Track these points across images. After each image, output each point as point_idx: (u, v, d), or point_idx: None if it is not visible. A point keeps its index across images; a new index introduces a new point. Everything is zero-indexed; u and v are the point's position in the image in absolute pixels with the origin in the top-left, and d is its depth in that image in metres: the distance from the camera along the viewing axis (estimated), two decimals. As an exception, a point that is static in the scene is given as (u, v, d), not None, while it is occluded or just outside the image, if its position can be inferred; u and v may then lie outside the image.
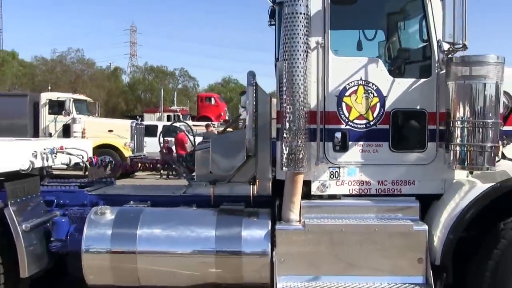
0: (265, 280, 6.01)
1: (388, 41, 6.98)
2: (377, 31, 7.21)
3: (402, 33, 6.94)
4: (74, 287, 7.25)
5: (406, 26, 6.89)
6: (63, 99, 23.53)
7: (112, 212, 6.27)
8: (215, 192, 6.72)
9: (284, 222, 6.04)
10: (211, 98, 45.36)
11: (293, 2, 5.74)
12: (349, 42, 7.09)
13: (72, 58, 57.79)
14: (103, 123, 24.02)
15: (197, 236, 6.08)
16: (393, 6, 6.78)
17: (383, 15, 6.94)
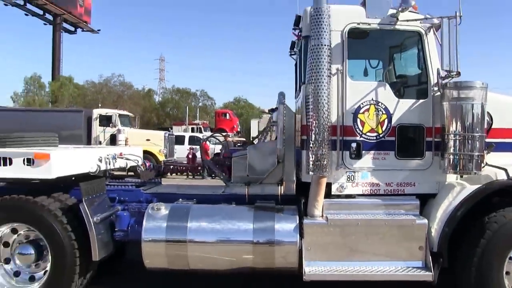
0: (293, 265, 5.73)
1: (391, 68, 6.65)
2: (382, 60, 6.86)
3: (402, 62, 6.67)
4: (132, 268, 6.82)
5: (405, 56, 6.61)
6: (110, 114, 23.27)
7: (166, 208, 5.96)
8: (249, 192, 6.41)
9: (309, 217, 5.79)
10: (226, 113, 45.11)
11: (318, 35, 5.60)
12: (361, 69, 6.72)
13: (115, 81, 58.03)
14: (142, 134, 23.67)
15: (238, 228, 5.78)
16: (395, 41, 6.54)
17: (387, 47, 6.63)
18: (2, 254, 6.08)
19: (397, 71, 6.67)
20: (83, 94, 52.39)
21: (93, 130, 21.79)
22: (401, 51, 6.64)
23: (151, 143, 19.85)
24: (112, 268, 6.96)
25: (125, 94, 55.35)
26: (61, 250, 5.74)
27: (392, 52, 6.72)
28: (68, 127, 19.51)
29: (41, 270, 6.07)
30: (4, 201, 5.86)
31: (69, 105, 44.94)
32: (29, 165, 5.77)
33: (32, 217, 5.81)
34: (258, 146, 6.18)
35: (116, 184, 7.04)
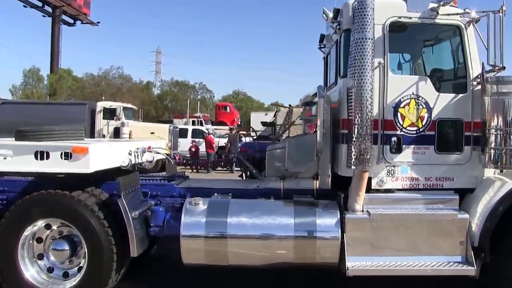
0: (334, 260, 5.60)
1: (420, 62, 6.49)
2: (418, 54, 6.70)
3: (440, 56, 6.51)
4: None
5: (443, 50, 6.45)
6: (114, 107, 22.91)
7: (204, 202, 5.78)
8: (284, 186, 6.23)
9: (350, 211, 5.63)
10: (227, 106, 44.87)
11: (362, 29, 5.39)
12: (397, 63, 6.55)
13: (114, 74, 57.18)
14: (146, 127, 23.25)
15: (279, 223, 5.61)
16: (433, 35, 6.38)
17: (425, 41, 6.51)
18: (35, 250, 5.86)
19: (434, 65, 6.53)
20: (82, 86, 51.64)
21: (96, 123, 21.41)
22: (439, 45, 6.47)
23: (155, 136, 19.49)
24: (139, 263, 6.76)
25: (123, 86, 54.66)
26: (98, 246, 5.54)
27: (430, 46, 6.56)
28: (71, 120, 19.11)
29: (74, 266, 5.89)
30: (40, 195, 5.65)
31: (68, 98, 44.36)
32: (67, 159, 5.56)
33: (69, 212, 5.60)
34: (297, 141, 5.98)
35: (148, 178, 6.82)
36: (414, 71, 6.80)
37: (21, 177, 6.41)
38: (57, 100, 37.96)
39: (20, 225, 5.66)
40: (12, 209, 5.67)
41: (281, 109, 10.19)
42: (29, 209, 5.64)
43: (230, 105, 45.42)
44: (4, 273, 5.67)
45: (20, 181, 6.36)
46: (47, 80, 49.10)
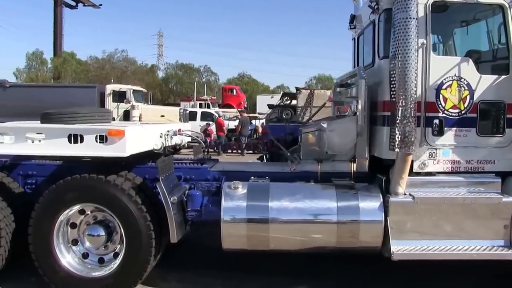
0: (377, 244, 5.43)
1: (465, 43, 6.23)
2: (456, 34, 6.46)
3: (479, 37, 6.20)
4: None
5: (483, 31, 6.15)
6: (124, 89, 22.56)
7: (243, 186, 5.55)
8: (321, 169, 5.97)
9: (393, 195, 5.43)
10: (233, 89, 44.11)
11: (406, 8, 5.12)
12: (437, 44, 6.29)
13: (118, 57, 56.11)
14: (156, 109, 22.88)
15: (321, 207, 5.44)
16: (474, 14, 6.08)
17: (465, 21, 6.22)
18: (70, 236, 5.65)
19: (470, 46, 6.25)
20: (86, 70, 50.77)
21: (106, 106, 20.99)
22: (475, 25, 6.20)
23: (165, 119, 19.17)
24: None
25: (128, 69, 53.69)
26: (137, 232, 5.33)
27: (464, 26, 6.29)
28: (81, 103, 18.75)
29: (110, 252, 5.68)
30: (75, 180, 5.40)
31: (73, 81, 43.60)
32: (102, 142, 5.31)
33: (106, 197, 5.37)
34: (337, 122, 5.74)
35: (180, 161, 6.57)
36: (445, 52, 6.55)
37: (48, 161, 6.19)
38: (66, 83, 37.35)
39: (56, 210, 5.44)
40: (46, 194, 5.45)
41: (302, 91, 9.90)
42: (64, 193, 5.42)
43: (237, 88, 44.68)
44: (40, 259, 5.46)
45: (49, 165, 6.14)
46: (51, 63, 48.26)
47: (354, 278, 6.16)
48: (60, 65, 44.65)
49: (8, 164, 6.18)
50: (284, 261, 6.39)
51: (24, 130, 5.55)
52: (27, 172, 6.15)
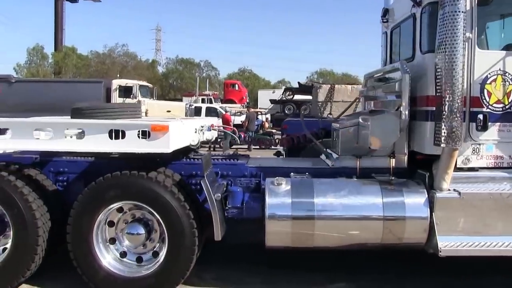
0: (422, 240, 5.31)
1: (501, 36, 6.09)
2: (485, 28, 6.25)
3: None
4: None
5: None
6: (130, 85, 22.28)
7: (287, 182, 5.39)
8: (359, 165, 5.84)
9: (438, 190, 5.29)
10: (235, 84, 43.73)
11: (454, 2, 4.97)
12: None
13: (119, 51, 55.25)
14: (162, 105, 22.63)
15: (367, 203, 5.29)
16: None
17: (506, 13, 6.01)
18: (107, 234, 5.46)
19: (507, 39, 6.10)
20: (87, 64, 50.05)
21: (112, 101, 20.66)
22: None
23: (172, 114, 18.91)
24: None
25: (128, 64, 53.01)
26: (180, 230, 5.16)
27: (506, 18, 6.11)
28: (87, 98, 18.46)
29: (148, 250, 5.50)
30: (117, 177, 5.21)
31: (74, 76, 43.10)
32: (144, 138, 5.12)
33: (148, 194, 5.19)
34: (380, 118, 5.58)
35: (216, 157, 6.38)
36: (484, 46, 6.37)
37: (80, 158, 5.99)
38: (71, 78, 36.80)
39: (96, 208, 5.26)
40: (86, 191, 5.26)
41: (322, 86, 9.73)
42: (105, 191, 5.24)
43: (239, 83, 44.30)
44: (79, 258, 5.29)
45: (81, 162, 5.94)
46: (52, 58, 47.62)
47: (387, 272, 6.07)
48: (61, 60, 44.08)
49: (38, 161, 5.97)
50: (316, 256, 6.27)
51: (63, 125, 5.36)
52: (58, 169, 5.95)
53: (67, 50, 44.69)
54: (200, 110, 25.80)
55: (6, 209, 5.32)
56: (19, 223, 5.27)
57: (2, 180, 5.31)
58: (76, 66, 46.63)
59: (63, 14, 40.64)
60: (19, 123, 5.47)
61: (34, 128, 5.43)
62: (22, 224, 5.26)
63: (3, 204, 5.34)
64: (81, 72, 46.77)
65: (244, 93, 42.12)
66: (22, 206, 5.26)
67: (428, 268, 6.11)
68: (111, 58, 53.19)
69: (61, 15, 40.45)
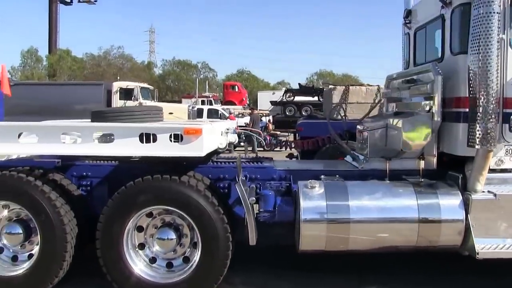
0: (457, 242, 5.24)
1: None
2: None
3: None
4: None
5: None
6: (131, 87, 21.92)
7: (320, 185, 5.28)
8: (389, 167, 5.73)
9: (472, 192, 5.23)
10: (235, 86, 43.47)
11: (489, 3, 4.91)
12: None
13: (115, 54, 54.66)
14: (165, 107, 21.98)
15: (402, 205, 5.23)
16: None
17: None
18: (137, 239, 5.31)
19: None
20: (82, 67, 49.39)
21: (113, 104, 20.40)
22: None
23: (174, 116, 18.71)
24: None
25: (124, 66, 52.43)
26: (215, 235, 5.05)
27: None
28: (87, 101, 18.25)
29: (179, 256, 5.37)
30: (148, 182, 5.07)
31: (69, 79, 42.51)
32: (177, 142, 4.98)
33: (181, 199, 5.06)
34: (412, 120, 5.49)
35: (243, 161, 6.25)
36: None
37: (103, 162, 5.84)
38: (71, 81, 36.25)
39: (127, 213, 5.12)
40: (116, 196, 5.12)
41: (337, 87, 9.65)
42: (137, 196, 5.09)
43: (239, 85, 44.03)
44: (109, 264, 5.15)
45: (104, 166, 5.81)
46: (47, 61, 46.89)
47: (418, 273, 5.99)
48: (56, 63, 43.52)
49: (60, 165, 5.79)
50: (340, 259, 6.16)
51: (92, 129, 5.21)
52: (81, 173, 5.80)
53: (61, 52, 44.12)
54: (202, 112, 25.64)
55: (34, 214, 5.20)
56: (47, 229, 5.14)
57: (29, 185, 5.16)
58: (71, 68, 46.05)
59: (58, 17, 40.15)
60: (46, 127, 5.32)
61: (62, 132, 5.28)
62: (51, 230, 5.13)
63: (30, 209, 5.21)
64: (76, 75, 46.15)
65: (244, 94, 41.91)
66: (50, 211, 5.12)
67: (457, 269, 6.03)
68: (107, 61, 52.63)
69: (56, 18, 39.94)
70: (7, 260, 5.45)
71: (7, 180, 5.21)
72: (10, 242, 5.42)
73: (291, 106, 30.04)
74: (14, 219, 5.45)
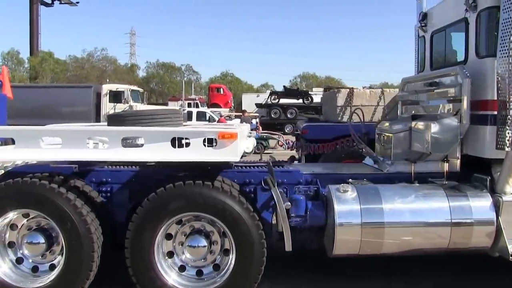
0: (488, 244, 5.21)
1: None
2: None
3: None
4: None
5: None
6: (121, 89, 21.42)
7: (352, 189, 5.17)
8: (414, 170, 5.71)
9: (502, 194, 5.21)
10: (220, 88, 43.07)
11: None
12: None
13: (98, 56, 53.58)
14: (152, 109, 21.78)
15: (436, 208, 5.16)
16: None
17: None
18: (165, 248, 5.07)
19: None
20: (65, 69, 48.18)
21: (102, 107, 19.92)
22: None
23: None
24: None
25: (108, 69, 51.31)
26: (250, 242, 4.85)
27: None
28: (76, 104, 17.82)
29: (208, 263, 5.15)
30: (180, 187, 4.85)
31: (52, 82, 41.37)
32: (211, 146, 4.78)
33: (215, 205, 4.83)
34: (442, 122, 5.42)
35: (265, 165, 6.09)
36: None
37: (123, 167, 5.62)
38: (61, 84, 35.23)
39: (158, 221, 4.89)
40: (146, 203, 4.88)
41: (341, 90, 9.58)
42: (168, 202, 4.87)
43: (224, 87, 43.69)
44: (139, 274, 4.91)
45: (125, 171, 5.57)
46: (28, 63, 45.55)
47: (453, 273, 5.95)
48: (38, 65, 42.33)
49: (78, 171, 5.51)
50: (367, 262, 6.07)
51: (120, 133, 4.95)
52: (101, 179, 5.52)
53: (44, 55, 42.99)
54: (191, 115, 25.30)
55: (58, 223, 4.91)
56: (73, 238, 4.87)
57: (53, 193, 4.88)
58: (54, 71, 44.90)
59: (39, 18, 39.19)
60: (71, 131, 5.06)
61: (88, 137, 5.03)
62: (77, 239, 4.86)
63: (54, 218, 4.92)
64: (59, 77, 44.99)
65: (229, 97, 41.61)
66: (76, 220, 4.86)
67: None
68: (90, 63, 51.52)
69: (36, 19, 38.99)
70: (27, 272, 5.15)
71: (28, 187, 4.93)
72: (31, 252, 5.14)
73: (276, 108, 30.02)
74: (34, 228, 5.19)
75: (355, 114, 7.60)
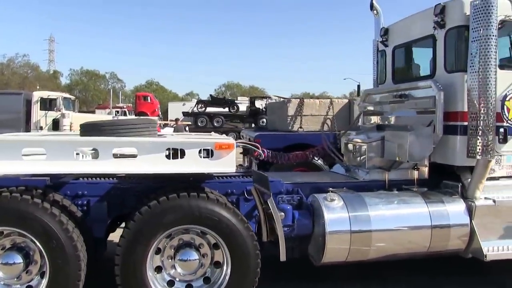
0: (463, 246, 5.56)
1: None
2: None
3: None
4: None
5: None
6: (53, 97, 20.18)
7: (339, 198, 5.30)
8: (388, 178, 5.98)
9: (473, 199, 5.59)
10: (147, 97, 41.68)
11: (487, 26, 5.31)
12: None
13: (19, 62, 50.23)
14: (88, 118, 20.61)
15: (417, 213, 5.43)
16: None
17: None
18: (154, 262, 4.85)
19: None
20: None
21: (33, 114, 18.65)
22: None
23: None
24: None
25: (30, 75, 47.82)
26: (245, 253, 4.82)
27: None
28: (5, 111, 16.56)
29: (198, 277, 4.99)
30: (175, 200, 4.69)
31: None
32: (207, 157, 4.69)
33: (211, 217, 4.73)
34: (416, 133, 5.72)
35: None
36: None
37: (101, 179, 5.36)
38: None
39: (151, 235, 4.69)
40: (138, 217, 4.66)
41: (292, 100, 9.78)
42: (162, 216, 4.68)
43: (151, 96, 42.37)
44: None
45: (103, 184, 5.30)
46: None
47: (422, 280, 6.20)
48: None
49: (51, 183, 5.15)
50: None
51: (110, 144, 4.71)
52: (76, 192, 5.20)
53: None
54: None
55: (42, 241, 4.55)
56: (59, 257, 4.53)
57: (37, 208, 4.53)
58: (-29, 77, 41.01)
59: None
60: (57, 142, 4.73)
61: (75, 148, 4.72)
62: (63, 258, 4.54)
63: (37, 235, 4.55)
64: (-25, 84, 41.17)
65: (156, 105, 40.58)
66: (62, 237, 4.54)
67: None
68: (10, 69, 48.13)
69: None
70: (-2, 296, 4.73)
71: (8, 202, 4.53)
72: (6, 274, 4.69)
73: (203, 117, 29.89)
74: (8, 247, 4.76)
75: (326, 124, 7.84)
